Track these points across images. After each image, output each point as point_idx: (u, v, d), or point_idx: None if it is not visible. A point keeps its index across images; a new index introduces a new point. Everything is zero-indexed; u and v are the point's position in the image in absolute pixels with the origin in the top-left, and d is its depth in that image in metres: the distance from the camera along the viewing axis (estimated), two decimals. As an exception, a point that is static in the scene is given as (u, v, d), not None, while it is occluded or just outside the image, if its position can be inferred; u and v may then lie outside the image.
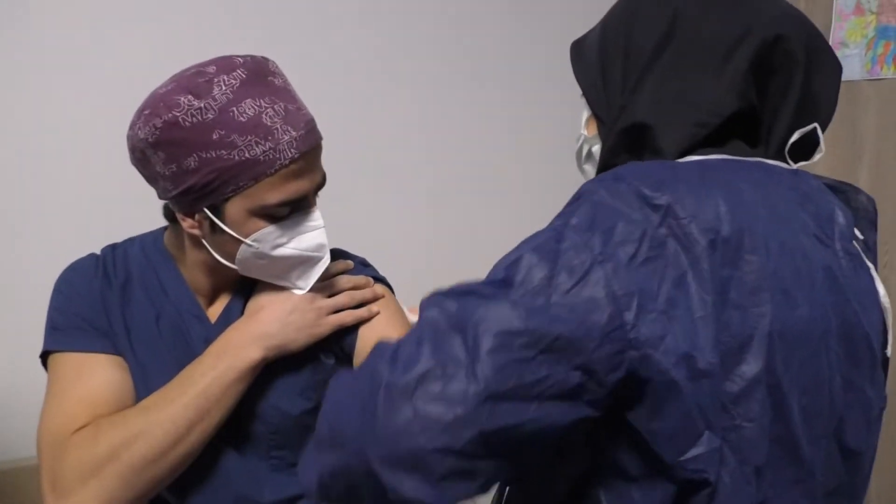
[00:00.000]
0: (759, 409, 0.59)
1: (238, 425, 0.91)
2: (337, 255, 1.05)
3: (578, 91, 0.80)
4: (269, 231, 0.86)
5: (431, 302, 0.62)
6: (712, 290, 0.58)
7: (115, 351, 0.92)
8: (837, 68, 0.73)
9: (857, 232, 0.69)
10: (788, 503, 0.62)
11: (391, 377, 0.58)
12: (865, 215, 0.72)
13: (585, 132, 0.82)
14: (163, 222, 0.99)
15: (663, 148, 0.68)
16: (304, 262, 0.90)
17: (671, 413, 0.58)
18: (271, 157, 0.82)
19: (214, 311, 0.98)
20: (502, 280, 0.59)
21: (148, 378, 0.92)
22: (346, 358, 0.98)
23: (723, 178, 0.64)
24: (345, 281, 0.99)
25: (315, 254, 0.90)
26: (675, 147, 0.68)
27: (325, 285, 0.96)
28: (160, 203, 0.94)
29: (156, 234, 1.02)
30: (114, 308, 0.94)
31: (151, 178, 0.87)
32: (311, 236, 0.89)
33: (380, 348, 0.63)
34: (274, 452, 0.96)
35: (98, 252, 1.01)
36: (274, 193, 0.84)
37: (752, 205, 0.62)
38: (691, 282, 0.58)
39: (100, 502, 0.80)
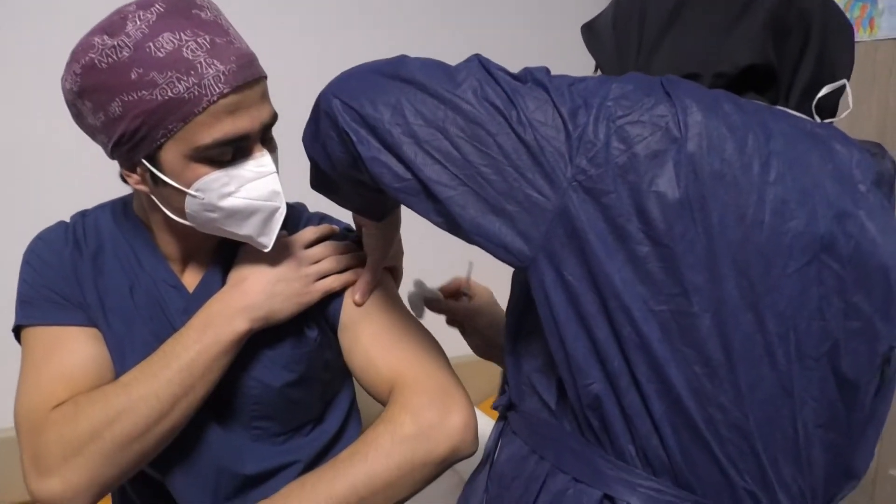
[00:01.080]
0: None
1: (219, 397, 0.89)
2: (320, 220, 1.03)
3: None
4: (212, 178, 0.80)
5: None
6: (693, 175, 0.63)
7: (90, 323, 0.89)
8: (850, 29, 0.74)
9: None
10: (763, 417, 0.65)
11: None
12: (889, 179, 0.71)
13: None
14: None
15: None
16: (257, 213, 0.83)
17: None
18: (196, 93, 0.76)
19: (191, 281, 0.94)
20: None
21: (124, 351, 0.89)
22: (329, 327, 0.96)
23: (751, 107, 0.67)
24: (330, 246, 0.96)
25: (268, 203, 0.83)
26: None
27: (310, 252, 0.94)
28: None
29: (126, 200, 0.98)
30: (86, 279, 0.90)
31: (90, 134, 0.83)
32: (263, 183, 0.82)
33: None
34: (256, 423, 0.95)
35: (67, 220, 0.96)
36: (206, 133, 0.77)
37: (773, 130, 0.65)
38: (670, 160, 0.63)
39: (84, 479, 0.79)
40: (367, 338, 0.92)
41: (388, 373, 0.88)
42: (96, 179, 1.25)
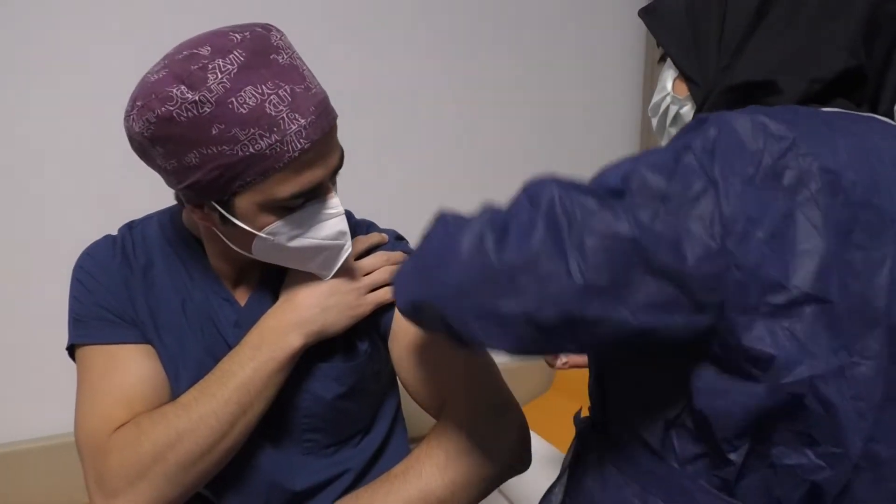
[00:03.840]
0: (878, 347, 0.58)
1: (271, 412, 0.89)
2: (368, 228, 1.02)
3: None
4: (283, 223, 0.80)
5: (547, 184, 0.61)
6: (825, 227, 0.58)
7: (144, 340, 0.88)
8: None
9: None
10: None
11: (497, 251, 0.59)
12: None
13: (672, 92, 0.81)
14: None
15: (774, 105, 0.67)
16: (324, 251, 0.85)
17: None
18: (279, 150, 0.74)
19: (242, 294, 0.94)
20: (615, 190, 0.59)
21: (177, 367, 0.89)
22: (380, 338, 0.96)
23: (843, 124, 0.63)
24: (381, 256, 0.94)
25: (336, 242, 0.84)
26: (788, 103, 0.68)
27: (361, 263, 0.92)
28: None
29: (173, 211, 0.96)
30: (137, 294, 0.89)
31: (156, 170, 0.81)
32: (331, 224, 0.82)
33: (489, 213, 0.63)
34: (307, 436, 0.95)
35: (114, 233, 0.95)
36: (285, 187, 0.77)
37: (876, 151, 0.62)
38: (800, 216, 0.58)
39: (149, 501, 0.79)
40: (420, 349, 0.91)
41: (440, 386, 0.88)
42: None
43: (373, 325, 0.95)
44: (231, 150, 0.73)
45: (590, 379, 0.79)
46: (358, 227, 1.01)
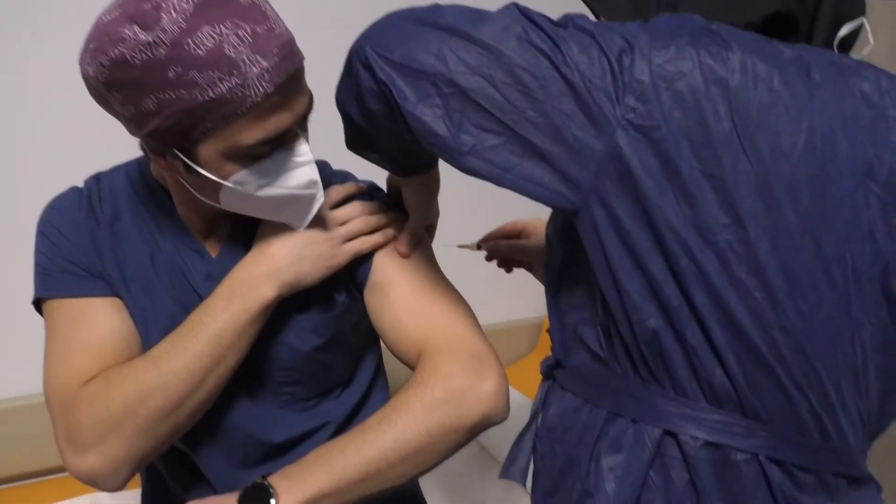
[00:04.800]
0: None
1: (246, 364, 0.87)
2: (344, 178, 0.99)
3: None
4: (250, 172, 0.77)
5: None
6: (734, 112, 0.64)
7: (112, 293, 0.86)
8: None
9: None
10: (825, 339, 0.67)
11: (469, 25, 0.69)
12: None
13: None
14: None
15: None
16: (296, 201, 0.82)
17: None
18: (240, 94, 0.71)
19: (213, 246, 0.91)
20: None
21: (147, 320, 0.87)
22: (357, 289, 0.94)
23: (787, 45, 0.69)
24: (358, 206, 0.92)
25: (307, 191, 0.81)
26: None
27: (336, 212, 0.90)
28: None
29: (142, 162, 0.93)
30: (104, 247, 0.87)
31: (115, 116, 0.78)
32: (301, 173, 0.79)
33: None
34: (284, 389, 0.94)
35: (80, 185, 0.93)
36: (249, 133, 0.73)
37: (811, 63, 0.67)
38: (716, 96, 0.64)
39: (121, 454, 0.78)
40: (398, 299, 0.89)
41: (417, 336, 0.86)
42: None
43: (350, 276, 0.93)
44: (189, 95, 0.70)
45: (548, 312, 0.81)
46: (334, 177, 0.99)
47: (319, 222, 0.88)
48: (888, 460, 1.61)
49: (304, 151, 0.79)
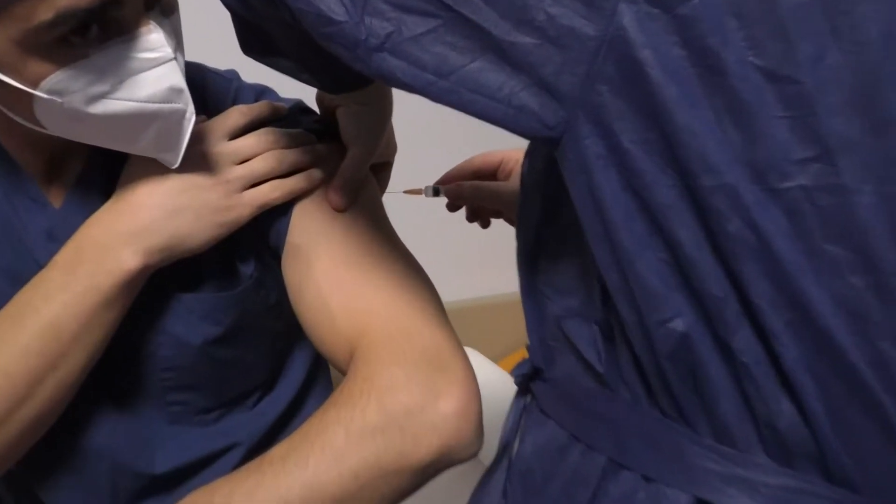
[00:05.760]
0: None
1: (112, 363, 0.65)
2: (258, 95, 0.73)
3: None
4: (69, 74, 0.53)
5: None
6: None
7: None
8: None
9: None
10: None
11: None
12: None
13: None
14: None
15: None
16: (152, 121, 0.57)
17: None
18: None
19: (58, 194, 0.67)
20: None
21: None
22: (272, 255, 0.69)
23: None
24: (267, 136, 0.66)
25: (166, 106, 0.57)
26: None
27: (235, 144, 0.65)
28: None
29: None
30: None
31: None
32: (153, 77, 0.55)
33: None
34: (172, 397, 0.70)
35: None
36: (42, 7, 0.50)
37: None
38: None
39: None
40: (323, 272, 0.64)
41: (348, 325, 0.62)
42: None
43: (260, 238, 0.68)
44: None
45: (521, 296, 0.60)
46: (241, 93, 0.72)
47: (209, 158, 0.63)
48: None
49: (157, 43, 0.54)
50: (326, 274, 0.64)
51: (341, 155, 0.67)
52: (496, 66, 0.45)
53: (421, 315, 0.62)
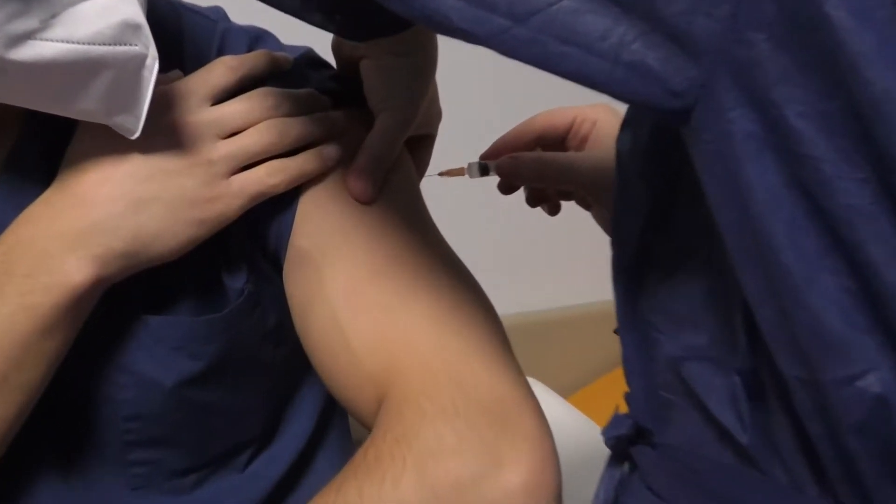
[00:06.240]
0: None
1: (59, 414, 0.56)
2: (251, 40, 0.61)
3: None
4: None
5: None
6: None
7: None
8: None
9: None
10: None
11: None
12: None
13: None
14: None
15: None
16: (99, 70, 0.47)
17: None
18: None
19: None
20: None
21: None
22: (271, 264, 0.59)
23: None
24: (263, 98, 0.55)
25: (116, 48, 0.46)
26: None
27: (221, 110, 0.54)
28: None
29: None
30: None
31: None
32: (97, 6, 0.45)
33: None
34: (136, 455, 0.59)
35: None
36: None
37: None
38: None
39: None
40: (340, 285, 0.55)
41: (373, 360, 0.53)
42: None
43: (254, 241, 0.58)
44: None
45: (618, 325, 0.51)
46: (228, 37, 0.61)
47: (182, 131, 0.52)
48: None
49: None
50: (345, 290, 0.54)
51: (366, 125, 0.57)
52: (598, 4, 0.37)
53: (476, 349, 0.52)
